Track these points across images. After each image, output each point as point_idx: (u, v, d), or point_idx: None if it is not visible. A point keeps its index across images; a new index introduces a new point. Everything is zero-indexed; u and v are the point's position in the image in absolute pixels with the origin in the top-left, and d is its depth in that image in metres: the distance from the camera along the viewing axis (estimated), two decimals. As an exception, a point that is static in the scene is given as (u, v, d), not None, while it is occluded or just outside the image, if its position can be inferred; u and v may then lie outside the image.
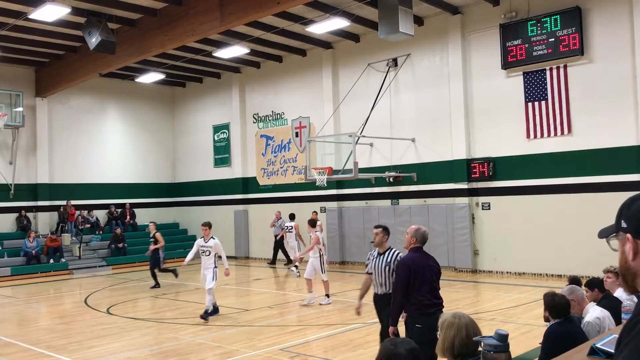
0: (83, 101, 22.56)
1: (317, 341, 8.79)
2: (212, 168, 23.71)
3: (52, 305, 14.41)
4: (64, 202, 21.45)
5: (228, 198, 22.75)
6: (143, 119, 24.37)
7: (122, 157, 23.70)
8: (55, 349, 8.84)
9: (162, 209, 24.59)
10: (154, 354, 8.44)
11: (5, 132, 20.43)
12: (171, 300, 13.35)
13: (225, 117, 23.10)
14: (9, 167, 20.64)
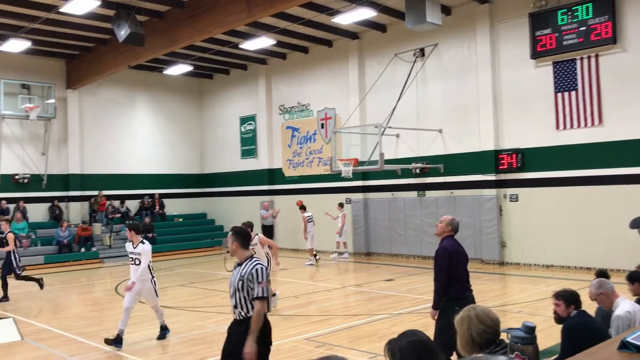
0: (113, 93, 22.91)
1: (342, 331, 8.84)
2: (239, 159, 23.90)
3: (83, 293, 14.75)
4: (94, 192, 21.89)
5: (254, 189, 22.93)
6: (171, 111, 24.66)
7: (151, 148, 24.03)
8: (87, 336, 9.07)
9: (190, 199, 24.90)
10: (182, 342, 8.60)
11: (37, 123, 20.89)
12: (200, 289, 13.55)
13: (252, 109, 23.23)
14: (42, 158, 21.11)
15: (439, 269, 6.01)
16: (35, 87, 20.73)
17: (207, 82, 25.26)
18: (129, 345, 8.40)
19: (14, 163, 20.49)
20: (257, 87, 22.90)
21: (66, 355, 7.94)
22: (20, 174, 20.54)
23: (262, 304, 4.93)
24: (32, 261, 18.51)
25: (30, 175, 20.74)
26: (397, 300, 11.23)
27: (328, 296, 12.16)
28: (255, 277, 4.92)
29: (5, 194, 19.94)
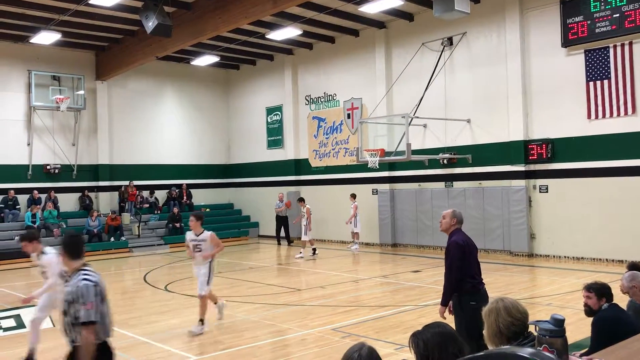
0: (141, 84, 23.16)
1: (368, 322, 8.83)
2: (265, 150, 23.97)
3: (113, 281, 14.99)
4: (123, 182, 22.20)
5: (281, 179, 22.98)
6: (198, 101, 24.83)
7: (179, 139, 24.26)
8: (117, 324, 9.16)
9: (216, 189, 25.09)
10: (210, 330, 8.68)
11: (68, 114, 21.23)
12: (226, 279, 13.66)
13: (278, 99, 23.26)
14: (72, 148, 21.47)
15: (451, 264, 5.85)
16: (65, 79, 21.06)
17: (234, 73, 25.35)
18: (157, 333, 8.51)
19: (45, 153, 20.88)
20: (284, 78, 22.90)
21: (96, 342, 8.08)
22: (51, 165, 20.93)
23: (88, 331, 3.95)
24: (64, 250, 18.89)
25: (61, 166, 21.12)
26: (424, 291, 11.16)
27: (354, 287, 12.15)
28: (80, 296, 3.97)
29: (36, 184, 20.36)
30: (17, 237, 18.72)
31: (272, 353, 7.51)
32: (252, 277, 13.65)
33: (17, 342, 8.48)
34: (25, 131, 20.47)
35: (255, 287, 12.36)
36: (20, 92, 20.30)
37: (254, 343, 7.83)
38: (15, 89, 20.23)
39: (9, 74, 20.11)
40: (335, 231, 20.81)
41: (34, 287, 13.57)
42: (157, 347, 7.73)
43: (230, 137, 25.68)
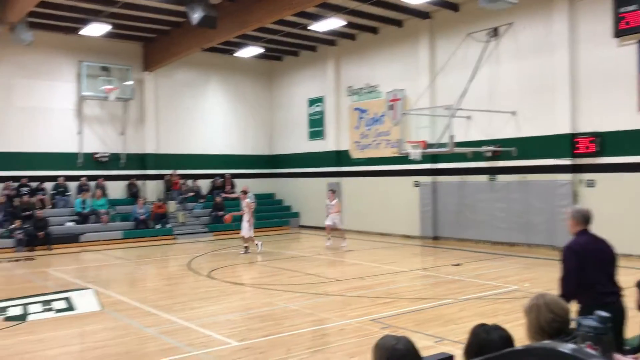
0: (186, 75, 23.56)
1: (408, 314, 8.83)
2: (306, 141, 24.08)
3: (158, 267, 15.40)
4: (169, 171, 22.71)
5: (321, 170, 23.08)
6: (242, 93, 25.11)
7: (223, 129, 24.62)
8: (161, 308, 9.49)
9: (259, 179, 25.36)
10: (250, 317, 8.85)
11: (116, 104, 21.80)
12: (267, 268, 13.86)
13: (320, 90, 23.30)
14: (120, 137, 22.06)
15: (564, 273, 5.10)
16: (114, 70, 21.61)
17: (277, 64, 25.51)
18: (199, 319, 8.73)
19: (94, 142, 21.52)
20: (326, 69, 22.92)
21: (142, 326, 8.35)
22: (100, 153, 21.56)
23: None
24: (112, 236, 19.52)
25: (110, 154, 21.73)
26: (465, 285, 11.08)
27: (394, 279, 12.15)
28: None
29: (86, 172, 21.01)
30: (68, 222, 19.45)
31: (312, 341, 7.61)
32: (292, 266, 13.80)
33: (68, 323, 8.83)
34: (76, 120, 21.13)
35: (296, 276, 12.50)
36: (71, 82, 20.96)
37: (294, 331, 7.95)
38: (67, 79, 20.89)
39: (61, 64, 20.77)
40: (375, 222, 20.80)
41: (85, 271, 14.08)
42: (200, 332, 7.93)
43: (272, 128, 25.90)
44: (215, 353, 6.94)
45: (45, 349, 7.44)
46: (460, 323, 8.05)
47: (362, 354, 6.69)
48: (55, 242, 18.14)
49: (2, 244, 17.54)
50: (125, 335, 8.00)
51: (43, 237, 17.89)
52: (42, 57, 20.23)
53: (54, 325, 8.65)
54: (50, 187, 20.30)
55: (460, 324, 7.95)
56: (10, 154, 19.69)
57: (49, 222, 18.49)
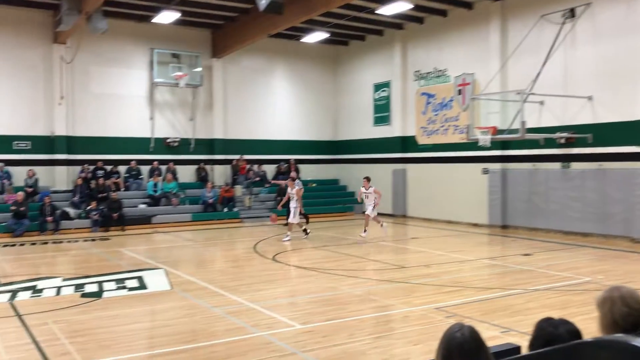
0: (253, 61, 23.86)
1: (474, 303, 8.64)
2: (371, 126, 23.91)
3: (225, 250, 15.76)
4: (236, 156, 23.15)
5: (387, 156, 22.88)
6: (307, 78, 25.19)
7: (288, 115, 24.82)
8: (228, 289, 9.71)
9: (323, 165, 25.46)
10: (314, 301, 8.91)
11: (186, 90, 22.37)
12: (331, 253, 13.91)
13: (387, 75, 23.03)
14: (190, 123, 22.66)
15: None
16: (184, 56, 22.16)
17: (343, 49, 25.38)
18: (264, 300, 8.87)
19: (165, 128, 22.21)
20: (393, 53, 22.60)
21: (209, 306, 8.57)
22: (171, 138, 22.24)
23: None
24: (181, 218, 20.15)
25: (180, 139, 22.38)
26: (534, 276, 10.72)
27: (460, 267, 11.92)
28: None
29: (158, 156, 21.73)
30: (140, 204, 20.22)
31: (375, 327, 7.58)
32: (356, 252, 13.79)
33: (140, 301, 9.19)
34: (148, 106, 21.85)
35: (360, 262, 12.48)
36: (143, 70, 21.66)
37: (357, 316, 7.94)
38: (139, 66, 21.60)
39: (134, 52, 21.49)
40: (441, 210, 20.46)
41: (157, 251, 14.60)
42: (265, 314, 8.05)
43: (337, 114, 25.86)
44: (279, 335, 7.03)
45: (119, 324, 7.77)
46: (528, 314, 7.80)
47: (426, 342, 6.61)
48: (128, 223, 18.90)
49: (79, 225, 18.46)
50: (194, 314, 8.23)
51: (117, 218, 18.68)
52: (116, 45, 20.99)
53: (126, 303, 9.01)
54: (124, 171, 21.13)
55: (528, 315, 7.70)
56: (87, 138, 20.62)
57: (122, 204, 19.27)
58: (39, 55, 19.86)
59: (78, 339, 6.93)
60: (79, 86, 20.50)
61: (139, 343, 7.09)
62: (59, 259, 14.48)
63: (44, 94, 19.95)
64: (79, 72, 20.42)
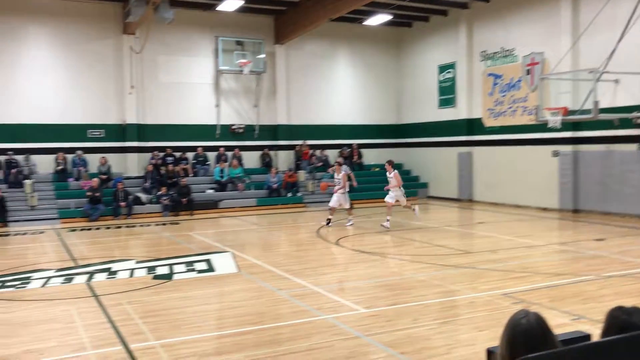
0: (316, 46, 23.87)
1: (543, 289, 8.40)
2: (436, 109, 23.50)
3: (289, 234, 15.98)
4: (299, 141, 23.34)
5: (452, 140, 22.44)
6: (370, 62, 24.99)
7: (350, 99, 24.75)
8: (293, 273, 9.86)
9: (386, 149, 25.25)
10: (377, 286, 8.92)
11: (250, 77, 22.69)
12: (395, 237, 13.84)
13: (451, 56, 22.52)
14: (254, 109, 23.00)
15: None
16: (247, 44, 22.44)
17: (406, 31, 24.98)
18: (328, 284, 8.95)
19: (230, 115, 22.64)
20: (458, 34, 22.06)
21: (275, 289, 8.74)
22: (236, 125, 22.66)
23: None
24: (247, 203, 20.56)
25: (245, 126, 22.78)
26: (608, 262, 10.30)
27: (528, 252, 11.59)
28: None
29: (223, 143, 22.22)
30: (208, 190, 20.77)
31: (440, 312, 7.51)
32: (420, 237, 13.66)
33: (208, 283, 9.47)
34: (214, 94, 22.32)
35: (424, 247, 12.36)
36: (208, 57, 22.11)
37: (421, 301, 7.89)
38: (205, 54, 22.06)
39: (199, 40, 21.96)
40: (509, 194, 19.94)
41: (224, 235, 14.98)
42: (328, 298, 8.13)
43: (400, 97, 25.55)
44: (343, 318, 7.09)
45: (189, 305, 8.05)
46: (601, 301, 7.51)
47: (492, 328, 6.48)
48: (196, 207, 19.46)
49: (150, 209, 19.17)
50: (260, 296, 8.41)
51: (186, 203, 19.28)
52: (182, 34, 21.51)
53: (196, 285, 9.31)
54: (191, 157, 21.74)
55: (601, 303, 7.42)
56: (157, 126, 21.32)
57: (191, 189, 19.85)
58: (109, 46, 20.63)
59: (150, 319, 7.23)
60: (148, 76, 21.17)
61: (208, 324, 7.32)
62: (132, 242, 15.11)
63: (115, 84, 20.74)
64: (148, 62, 21.08)
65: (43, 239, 14.77)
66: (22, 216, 17.70)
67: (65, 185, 19.44)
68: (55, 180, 19.56)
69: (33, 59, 19.75)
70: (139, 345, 6.20)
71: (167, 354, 5.91)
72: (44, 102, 19.79)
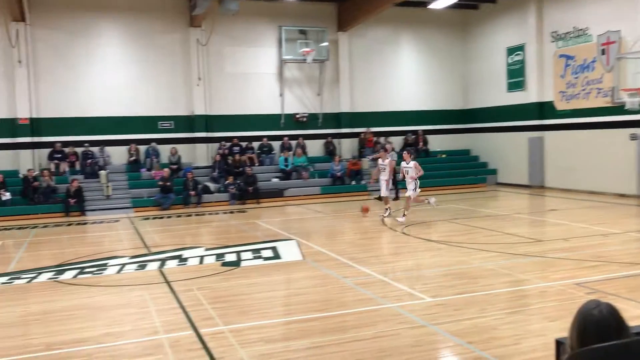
0: (379, 32, 23.63)
1: (619, 279, 8.03)
2: (504, 93, 22.79)
3: (353, 222, 15.95)
4: (363, 129, 23.24)
5: (522, 124, 21.72)
6: (435, 46, 24.51)
7: (415, 85, 24.39)
8: (357, 261, 9.86)
9: (453, 135, 24.79)
10: (444, 275, 8.78)
11: (313, 66, 22.75)
12: (462, 226, 13.58)
13: (520, 38, 21.73)
14: (317, 98, 23.07)
15: None
16: (310, 32, 22.50)
17: (472, 13, 24.30)
18: (393, 273, 8.90)
19: (294, 103, 22.82)
20: (526, 14, 21.25)
21: (340, 276, 8.77)
22: (300, 113, 22.82)
23: None
24: (311, 191, 20.72)
25: (308, 114, 22.90)
26: (692, 251, 9.72)
27: (603, 241, 11.10)
28: None
29: (288, 132, 22.43)
30: (273, 178, 21.07)
31: (509, 302, 7.32)
32: (488, 225, 13.33)
33: (274, 270, 9.62)
34: (277, 83, 22.54)
35: (492, 236, 12.07)
36: (272, 47, 22.33)
37: (489, 291, 7.71)
38: (269, 44, 22.29)
39: (264, 31, 22.20)
40: (583, 180, 19.14)
41: (289, 223, 15.16)
42: (394, 286, 8.08)
43: (466, 81, 24.95)
44: (408, 307, 7.03)
45: (257, 292, 8.21)
46: (685, 293, 7.10)
47: (564, 319, 6.24)
48: (262, 196, 19.79)
49: (218, 198, 19.66)
50: (325, 284, 8.47)
51: (252, 192, 19.63)
52: (246, 25, 21.81)
53: (262, 272, 9.48)
54: (257, 147, 22.08)
55: (685, 294, 7.01)
56: (223, 116, 21.78)
57: (257, 178, 20.19)
58: (177, 40, 21.20)
59: (219, 305, 7.43)
60: (214, 67, 21.62)
61: (275, 310, 7.45)
62: (201, 230, 15.55)
63: (183, 76, 21.31)
64: (214, 54, 21.52)
65: (118, 227, 15.44)
66: (98, 205, 18.56)
67: (137, 175, 20.23)
68: (128, 171, 20.39)
69: (105, 54, 20.59)
70: (208, 330, 6.39)
71: (236, 339, 6.05)
72: (117, 96, 20.60)
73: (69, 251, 12.14)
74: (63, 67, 20.06)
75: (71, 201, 17.80)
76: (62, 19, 19.99)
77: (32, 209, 17.88)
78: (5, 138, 19.45)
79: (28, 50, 19.49)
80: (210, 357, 5.57)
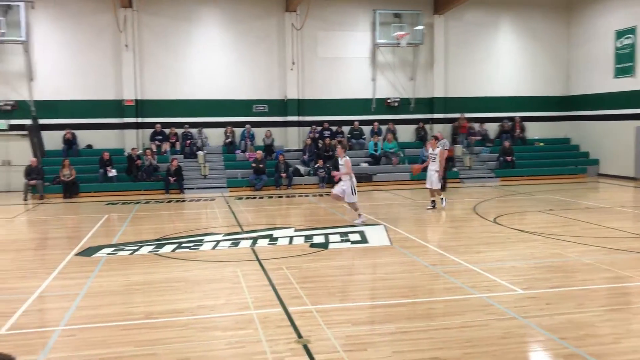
0: (476, 16, 22.89)
1: None
2: (611, 79, 21.42)
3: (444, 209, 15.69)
4: (457, 114, 22.70)
5: (630, 112, 20.36)
6: (536, 29, 23.42)
7: (513, 70, 23.46)
8: (446, 249, 9.71)
9: (552, 122, 23.68)
10: (538, 267, 8.47)
11: (406, 50, 22.43)
12: (559, 217, 13.00)
13: (631, 20, 20.29)
14: (410, 82, 22.75)
15: None
16: (405, 15, 22.16)
17: (578, -6, 22.99)
18: (484, 263, 8.69)
19: (386, 88, 22.63)
20: (640, -6, 19.81)
21: (427, 264, 8.68)
22: (392, 98, 22.62)
23: None
24: (401, 177, 20.55)
25: (400, 99, 22.65)
26: None
27: None
28: None
29: (378, 116, 22.32)
30: (363, 163, 21.08)
31: (608, 299, 6.96)
32: (587, 218, 12.67)
33: (362, 254, 9.67)
34: (370, 68, 22.43)
35: (591, 229, 11.46)
36: (366, 32, 22.22)
37: (587, 286, 7.36)
38: (362, 28, 22.20)
39: (357, 14, 22.13)
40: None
41: (377, 208, 15.13)
42: (484, 276, 7.90)
43: (569, 66, 23.67)
44: (498, 298, 6.85)
45: (343, 274, 8.31)
46: None
47: (671, 321, 5.87)
48: (358, 180, 19.78)
49: (308, 181, 19.97)
50: (412, 270, 8.42)
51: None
52: (340, 9, 21.83)
53: (350, 255, 9.57)
54: (347, 131, 22.14)
55: None
56: (315, 100, 22.00)
57: (347, 162, 20.24)
58: (272, 24, 21.59)
59: (307, 285, 7.58)
60: (308, 51, 21.85)
61: (362, 293, 7.51)
62: (291, 211, 15.87)
63: (278, 60, 21.70)
64: (308, 38, 21.74)
65: (214, 206, 16.09)
66: (195, 184, 19.42)
67: (232, 156, 20.93)
68: (224, 152, 21.15)
69: (205, 39, 21.35)
70: (296, 308, 6.55)
71: (322, 319, 6.17)
72: (215, 79, 21.35)
73: (168, 226, 12.83)
74: (165, 51, 21.03)
75: (171, 179, 18.75)
76: (166, 5, 20.92)
77: (136, 185, 19.03)
78: (112, 118, 20.73)
79: (134, 35, 20.59)
80: (298, 335, 5.72)
